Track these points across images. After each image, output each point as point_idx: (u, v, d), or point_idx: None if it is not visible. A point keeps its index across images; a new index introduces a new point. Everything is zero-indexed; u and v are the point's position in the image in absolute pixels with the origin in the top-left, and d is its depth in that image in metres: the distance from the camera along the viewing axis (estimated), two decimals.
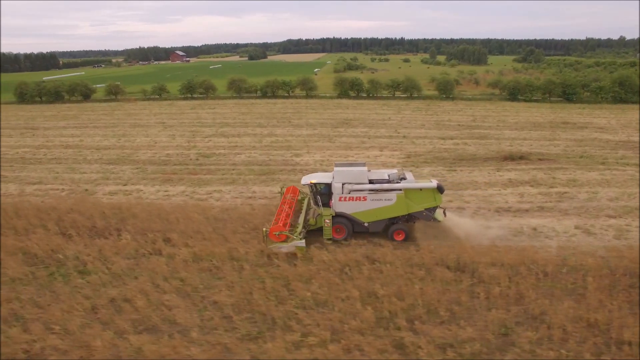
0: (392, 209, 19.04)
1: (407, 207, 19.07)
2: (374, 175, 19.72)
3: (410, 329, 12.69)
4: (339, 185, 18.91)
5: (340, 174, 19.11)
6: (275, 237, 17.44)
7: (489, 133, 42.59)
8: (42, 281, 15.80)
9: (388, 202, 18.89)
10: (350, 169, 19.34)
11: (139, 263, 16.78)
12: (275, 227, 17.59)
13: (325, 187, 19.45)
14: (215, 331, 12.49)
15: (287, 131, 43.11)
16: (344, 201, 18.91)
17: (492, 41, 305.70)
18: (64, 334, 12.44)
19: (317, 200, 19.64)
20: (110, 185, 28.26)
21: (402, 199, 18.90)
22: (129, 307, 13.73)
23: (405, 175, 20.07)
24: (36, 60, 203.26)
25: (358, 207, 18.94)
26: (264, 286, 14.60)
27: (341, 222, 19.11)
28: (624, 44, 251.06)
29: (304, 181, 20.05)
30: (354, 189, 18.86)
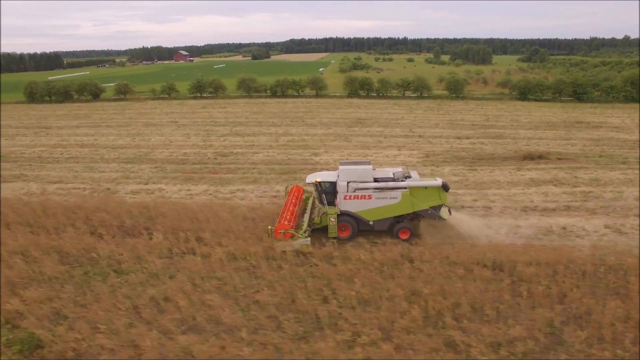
0: (397, 208, 18.97)
1: (412, 205, 19.01)
2: (379, 174, 19.68)
3: (458, 327, 12.59)
4: (344, 183, 18.85)
5: (346, 173, 19.06)
6: (280, 235, 17.44)
7: (504, 132, 42.44)
8: (78, 280, 15.72)
9: (393, 200, 18.83)
10: (355, 168, 19.28)
11: (173, 262, 16.70)
12: (280, 226, 17.58)
13: (330, 185, 19.43)
14: (262, 331, 12.39)
15: (302, 130, 43.02)
16: (349, 200, 18.84)
17: (495, 41, 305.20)
18: (111, 334, 12.35)
19: (322, 198, 19.59)
20: (131, 184, 28.20)
21: (407, 198, 18.84)
22: (171, 307, 13.64)
23: (410, 174, 20.04)
24: (41, 60, 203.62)
25: (363, 206, 18.88)
26: (305, 285, 14.50)
27: (346, 221, 19.05)
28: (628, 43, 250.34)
29: (309, 180, 20.01)
30: (359, 187, 18.80)
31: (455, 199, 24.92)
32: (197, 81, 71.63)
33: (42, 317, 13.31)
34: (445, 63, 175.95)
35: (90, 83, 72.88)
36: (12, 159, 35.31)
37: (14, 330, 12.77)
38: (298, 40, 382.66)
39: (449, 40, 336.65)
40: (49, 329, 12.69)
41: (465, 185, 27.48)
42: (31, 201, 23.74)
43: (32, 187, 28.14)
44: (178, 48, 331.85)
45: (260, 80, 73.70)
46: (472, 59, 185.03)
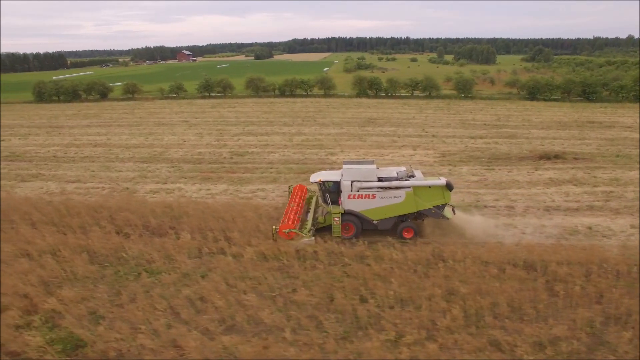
0: (401, 207, 18.90)
1: (416, 204, 18.94)
2: (383, 173, 19.62)
3: (500, 326, 12.53)
4: (348, 182, 18.79)
5: (349, 172, 19.00)
6: (284, 234, 17.41)
7: (517, 132, 42.34)
8: (109, 279, 15.68)
9: (397, 199, 18.76)
10: (359, 167, 19.23)
11: (204, 262, 16.65)
12: (285, 225, 17.54)
13: (334, 184, 19.36)
14: (304, 331, 12.33)
15: (315, 130, 42.96)
16: (353, 199, 18.78)
17: (497, 40, 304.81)
18: (152, 334, 12.30)
19: (326, 198, 19.52)
20: (149, 183, 28.16)
21: (411, 197, 18.77)
22: (208, 307, 13.58)
23: (414, 173, 19.99)
24: (44, 60, 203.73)
25: (367, 205, 18.81)
26: (343, 285, 14.43)
27: (350, 220, 19.00)
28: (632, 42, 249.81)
29: (313, 179, 19.94)
30: (363, 186, 18.74)
31: (477, 198, 24.90)
32: (205, 81, 71.56)
33: (80, 317, 13.27)
34: (449, 63, 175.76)
35: (98, 83, 72.82)
36: (28, 158, 35.30)
37: (55, 330, 12.72)
38: (300, 40, 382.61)
39: (451, 40, 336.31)
40: (89, 329, 12.64)
41: (485, 185, 27.42)
42: (53, 200, 23.73)
43: (50, 186, 28.12)
44: (180, 48, 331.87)
45: (267, 80, 73.60)
46: (475, 59, 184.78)
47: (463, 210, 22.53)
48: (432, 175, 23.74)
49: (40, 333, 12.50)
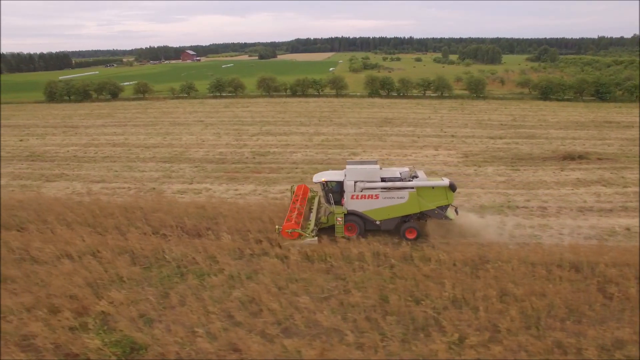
0: (404, 207, 18.79)
1: (419, 205, 18.83)
2: (386, 173, 19.51)
3: (560, 328, 12.37)
4: (351, 183, 18.68)
5: (353, 172, 18.89)
6: (287, 234, 17.35)
7: (536, 132, 42.15)
8: (154, 281, 15.51)
9: (400, 200, 18.64)
10: (363, 167, 19.11)
11: (249, 264, 16.49)
12: (288, 225, 17.47)
13: (337, 185, 19.26)
14: (366, 333, 12.17)
15: (333, 130, 42.81)
16: (356, 199, 18.67)
17: (501, 40, 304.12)
18: (209, 337, 12.14)
19: (329, 198, 19.40)
20: (175, 183, 28.03)
21: (414, 197, 18.66)
22: (262, 309, 13.41)
23: (417, 174, 19.89)
24: (50, 60, 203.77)
25: (370, 205, 18.69)
26: (395, 287, 14.28)
27: (353, 220, 18.89)
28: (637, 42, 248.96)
29: (316, 179, 19.84)
30: (366, 186, 18.62)
31: (507, 199, 24.75)
32: (216, 80, 71.39)
33: (132, 319, 13.11)
34: (454, 63, 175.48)
35: (109, 82, 72.71)
36: (49, 158, 35.20)
37: (110, 333, 12.57)
38: (304, 40, 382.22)
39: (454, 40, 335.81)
40: (144, 332, 12.49)
41: (513, 185, 27.27)
42: (83, 201, 23.61)
43: (76, 186, 28.01)
44: (183, 48, 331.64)
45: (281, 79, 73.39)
46: (481, 59, 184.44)
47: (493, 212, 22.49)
48: (435, 176, 23.80)
49: (97, 335, 12.34)
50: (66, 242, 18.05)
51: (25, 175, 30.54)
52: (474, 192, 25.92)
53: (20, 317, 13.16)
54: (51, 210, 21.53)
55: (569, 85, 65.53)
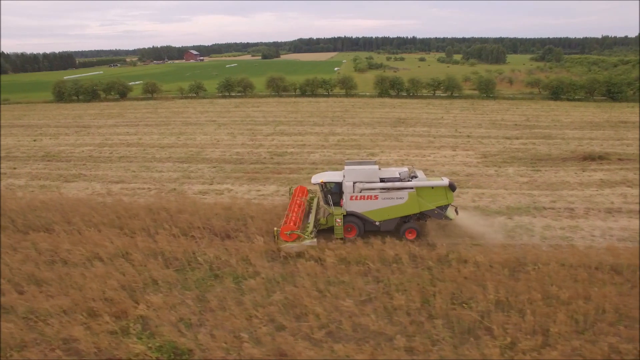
0: (403, 208, 18.61)
1: (419, 205, 18.65)
2: (385, 174, 19.34)
3: (614, 333, 12.11)
4: (350, 184, 18.51)
5: (351, 173, 18.71)
6: (286, 236, 17.18)
7: (551, 133, 41.83)
8: (190, 284, 15.25)
9: (400, 200, 18.47)
10: (362, 168, 18.92)
11: (285, 266, 16.26)
12: (286, 227, 17.31)
13: (336, 186, 19.10)
14: (414, 337, 11.94)
15: (348, 130, 42.55)
16: (355, 200, 18.49)
17: (504, 40, 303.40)
18: (255, 343, 11.90)
19: (327, 199, 19.23)
20: (195, 184, 27.80)
21: (413, 198, 18.48)
22: (306, 313, 13.15)
23: (416, 174, 19.70)
24: (54, 60, 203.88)
25: (369, 206, 18.53)
26: (437, 289, 14.04)
27: (352, 221, 18.72)
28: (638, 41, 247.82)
29: (315, 180, 19.67)
30: (365, 187, 18.44)
31: (533, 200, 24.48)
32: (225, 80, 71.18)
33: (174, 324, 12.89)
34: (458, 62, 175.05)
35: (117, 82, 72.52)
36: (64, 158, 35.01)
37: (152, 337, 12.35)
38: (306, 40, 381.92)
39: (457, 40, 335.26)
40: (187, 337, 12.25)
41: (536, 186, 26.98)
42: (106, 202, 23.41)
43: (95, 186, 27.81)
44: (186, 48, 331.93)
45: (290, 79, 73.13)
46: (485, 59, 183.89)
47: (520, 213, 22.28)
48: (435, 176, 23.70)
49: (139, 340, 12.12)
50: (95, 244, 17.84)
51: (43, 176, 30.34)
52: (498, 193, 25.66)
53: (60, 321, 12.93)
54: (76, 212, 21.32)
55: (580, 85, 65.14)
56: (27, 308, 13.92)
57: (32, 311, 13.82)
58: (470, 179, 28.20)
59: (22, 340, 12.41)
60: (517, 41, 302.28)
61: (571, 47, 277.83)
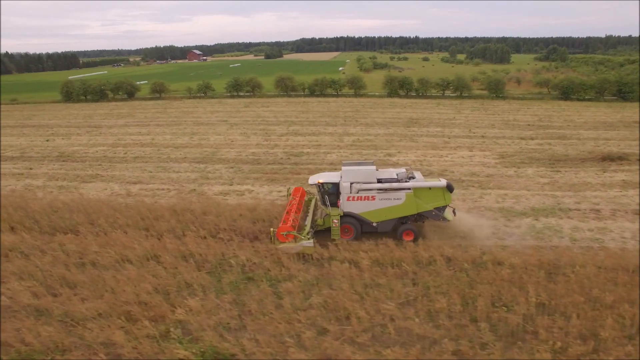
0: (401, 209, 18.47)
1: (416, 206, 18.50)
2: (383, 175, 19.19)
3: None
4: (347, 184, 18.38)
5: (349, 173, 18.57)
6: (282, 237, 17.08)
7: (566, 133, 41.58)
8: (225, 287, 15.01)
9: (397, 201, 18.33)
10: (359, 168, 18.78)
11: (319, 269, 16.05)
12: (283, 228, 17.18)
13: (333, 186, 18.96)
14: (461, 341, 11.74)
15: (361, 130, 42.33)
16: (352, 201, 18.35)
17: (507, 39, 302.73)
18: (301, 347, 11.70)
19: (324, 200, 19.10)
20: (214, 185, 27.61)
21: (411, 198, 18.33)
22: (349, 317, 12.95)
23: (414, 174, 19.56)
24: (58, 60, 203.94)
25: (366, 207, 18.40)
26: (477, 292, 13.83)
27: (349, 222, 18.60)
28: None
29: (312, 181, 19.55)
30: (362, 188, 18.31)
31: (557, 201, 24.27)
32: (234, 80, 71.00)
33: (214, 328, 12.69)
34: (462, 62, 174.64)
35: (125, 82, 72.38)
36: (79, 158, 34.85)
37: (194, 343, 12.14)
38: (309, 40, 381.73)
39: (460, 39, 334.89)
40: (230, 342, 12.05)
41: (558, 187, 26.76)
42: (127, 202, 23.24)
43: (114, 187, 27.63)
44: (188, 47, 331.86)
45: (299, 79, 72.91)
46: (489, 58, 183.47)
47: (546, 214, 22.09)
48: (433, 177, 23.56)
49: (181, 345, 11.93)
50: (123, 246, 17.66)
51: (60, 176, 30.17)
52: (521, 194, 25.44)
53: (98, 325, 12.75)
54: (99, 213, 21.16)
55: (590, 85, 64.85)
56: (62, 311, 13.75)
57: (67, 314, 13.66)
58: (491, 180, 27.99)
59: (62, 344, 12.22)
60: (519, 41, 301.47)
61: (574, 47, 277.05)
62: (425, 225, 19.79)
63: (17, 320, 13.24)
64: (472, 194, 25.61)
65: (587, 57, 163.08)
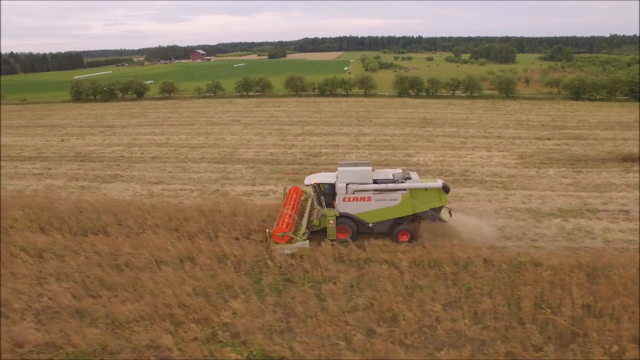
0: (397, 209, 18.42)
1: (412, 207, 18.45)
2: (378, 175, 19.19)
3: None
4: (343, 185, 18.35)
5: (344, 174, 18.54)
6: (278, 238, 17.05)
7: (582, 133, 41.38)
8: (264, 289, 14.92)
9: (393, 202, 18.30)
10: (355, 169, 18.75)
11: (358, 270, 15.94)
12: (278, 229, 17.13)
13: (329, 187, 18.92)
14: (512, 343, 11.62)
15: (376, 130, 42.19)
16: (348, 201, 18.34)
17: (510, 39, 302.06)
18: (353, 350, 11.58)
19: (320, 200, 19.07)
20: (237, 185, 27.51)
21: (407, 199, 18.29)
22: (396, 318, 12.86)
23: (410, 175, 19.50)
24: (62, 60, 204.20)
25: (362, 208, 18.39)
26: (521, 294, 13.72)
27: (345, 223, 18.57)
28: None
29: (308, 181, 19.53)
30: (358, 189, 18.28)
31: (583, 202, 24.12)
32: (243, 79, 70.91)
33: (262, 331, 12.59)
34: (467, 62, 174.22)
35: (135, 81, 72.32)
36: (96, 158, 34.77)
37: (244, 346, 12.04)
38: (312, 39, 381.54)
39: (463, 39, 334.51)
40: (281, 345, 11.93)
41: (582, 187, 26.60)
42: (155, 203, 23.14)
43: (135, 187, 27.53)
44: (191, 47, 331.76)
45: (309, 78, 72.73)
46: (494, 58, 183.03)
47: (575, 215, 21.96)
48: (429, 177, 23.47)
49: (232, 349, 11.82)
50: (156, 247, 17.58)
51: (80, 176, 30.10)
52: (546, 195, 25.29)
53: (144, 328, 12.66)
54: (127, 213, 21.08)
55: (602, 84, 64.58)
56: (104, 313, 13.66)
57: (109, 316, 13.57)
58: (514, 180, 27.86)
59: (109, 346, 12.13)
60: (522, 40, 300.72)
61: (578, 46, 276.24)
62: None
63: (61, 322, 13.15)
64: (497, 194, 25.47)
65: (593, 57, 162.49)
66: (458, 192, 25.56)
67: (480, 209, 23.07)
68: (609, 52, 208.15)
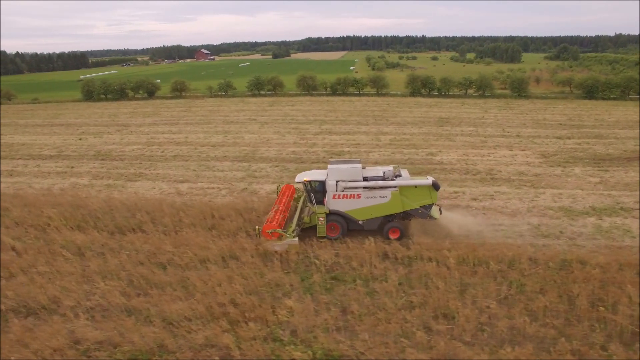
0: (387, 207, 18.45)
1: (402, 204, 18.42)
2: (369, 173, 19.23)
3: None
4: (333, 182, 18.40)
5: (334, 172, 18.61)
6: (268, 235, 17.09)
7: (601, 132, 41.22)
8: (314, 287, 14.81)
9: (383, 199, 18.34)
10: (345, 166, 18.82)
11: (406, 268, 15.84)
12: (268, 226, 17.17)
13: (320, 184, 18.94)
14: (574, 341, 11.52)
15: (395, 129, 42.06)
16: (338, 199, 18.36)
17: (515, 38, 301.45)
18: (418, 348, 11.48)
19: (311, 198, 19.08)
20: (264, 184, 27.41)
21: (397, 197, 18.31)
22: (454, 316, 12.77)
23: (400, 173, 19.52)
24: (68, 60, 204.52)
25: (352, 205, 18.43)
26: (575, 291, 13.63)
27: (335, 220, 18.57)
28: None
29: (299, 179, 19.60)
30: (348, 186, 18.29)
31: (615, 200, 23.97)
32: (255, 78, 70.86)
33: (322, 329, 12.49)
34: (472, 61, 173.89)
35: (146, 80, 72.33)
36: (117, 157, 34.71)
37: (306, 344, 11.93)
38: (315, 39, 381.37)
39: (467, 38, 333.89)
40: (344, 343, 11.81)
41: (611, 186, 26.45)
42: (186, 202, 23.07)
43: (162, 186, 27.45)
44: (195, 47, 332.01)
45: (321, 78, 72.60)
46: (500, 57, 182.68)
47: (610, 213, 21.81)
48: (419, 175, 23.49)
49: (295, 347, 11.71)
50: (198, 246, 17.49)
51: (104, 175, 30.05)
52: (576, 194, 25.16)
53: (201, 326, 12.57)
54: (161, 212, 21.01)
55: (615, 84, 64.39)
56: (155, 312, 13.58)
57: (160, 314, 13.48)
58: (541, 179, 27.72)
59: (167, 345, 12.04)
60: (527, 39, 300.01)
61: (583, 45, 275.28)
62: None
63: (115, 320, 13.08)
64: (527, 193, 25.33)
65: (600, 56, 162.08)
66: (488, 191, 25.47)
67: (513, 207, 22.98)
68: (614, 51, 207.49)
